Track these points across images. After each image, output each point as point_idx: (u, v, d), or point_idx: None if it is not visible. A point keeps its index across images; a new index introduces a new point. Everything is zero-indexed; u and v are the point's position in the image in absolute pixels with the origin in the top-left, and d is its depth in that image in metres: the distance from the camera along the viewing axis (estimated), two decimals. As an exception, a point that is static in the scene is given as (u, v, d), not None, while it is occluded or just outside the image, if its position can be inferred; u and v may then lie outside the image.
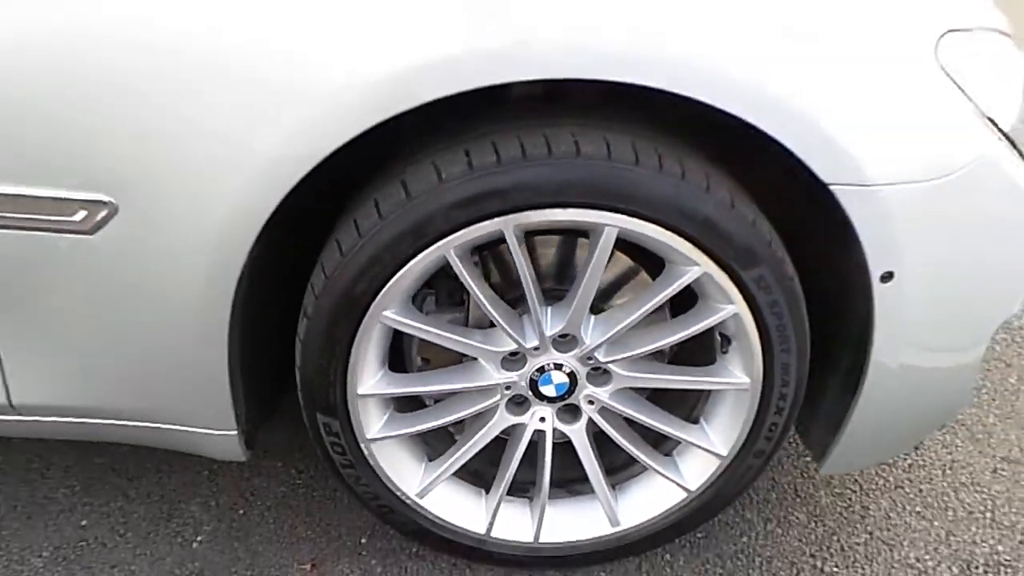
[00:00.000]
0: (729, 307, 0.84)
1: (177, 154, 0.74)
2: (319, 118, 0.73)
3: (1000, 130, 0.82)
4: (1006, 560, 1.12)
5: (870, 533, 1.15)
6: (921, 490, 1.22)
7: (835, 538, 1.14)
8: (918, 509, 1.19)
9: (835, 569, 1.10)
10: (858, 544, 1.13)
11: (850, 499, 1.20)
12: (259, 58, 0.72)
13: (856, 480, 1.23)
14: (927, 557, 1.12)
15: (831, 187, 0.78)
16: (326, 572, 1.08)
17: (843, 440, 0.96)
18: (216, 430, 0.94)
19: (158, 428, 0.95)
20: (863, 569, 1.10)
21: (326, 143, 0.73)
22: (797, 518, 1.17)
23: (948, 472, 1.25)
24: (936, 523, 1.17)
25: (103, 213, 0.77)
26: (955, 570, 1.10)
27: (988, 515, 1.18)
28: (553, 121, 0.79)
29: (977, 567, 1.10)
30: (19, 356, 0.89)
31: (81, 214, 0.77)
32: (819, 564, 1.11)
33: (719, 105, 0.73)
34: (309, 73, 0.72)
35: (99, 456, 1.24)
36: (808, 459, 1.26)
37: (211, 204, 0.76)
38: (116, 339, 0.87)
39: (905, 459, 1.26)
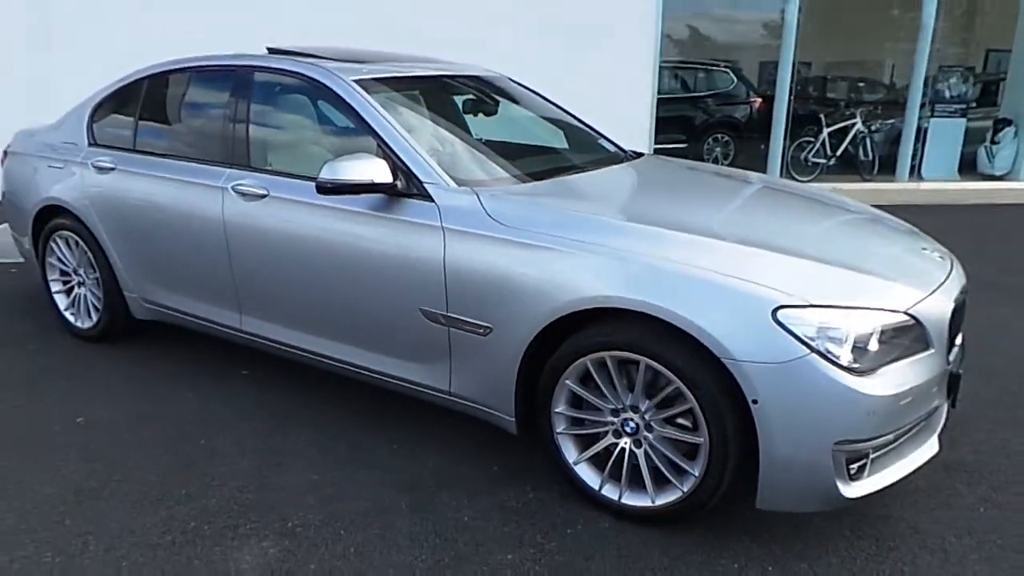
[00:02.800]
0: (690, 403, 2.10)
1: (518, 310, 2.32)
2: (562, 308, 2.24)
3: (812, 348, 1.95)
4: None
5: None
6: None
7: (784, 558, 2.16)
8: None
9: (773, 568, 2.13)
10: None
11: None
12: (539, 282, 2.27)
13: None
14: None
15: (727, 361, 2.01)
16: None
17: (760, 489, 2.07)
18: (507, 416, 2.46)
19: (483, 409, 2.52)
20: (788, 573, 2.11)
21: (551, 317, 2.24)
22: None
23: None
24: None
25: (489, 328, 2.39)
26: None
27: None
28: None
29: None
30: (461, 362, 2.54)
31: (484, 330, 2.40)
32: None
33: (690, 331, 2.05)
34: (550, 292, 2.25)
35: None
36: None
37: (530, 321, 2.31)
38: (495, 371, 2.46)
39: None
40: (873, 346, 2.03)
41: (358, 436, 2.84)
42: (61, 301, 3.83)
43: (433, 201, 2.49)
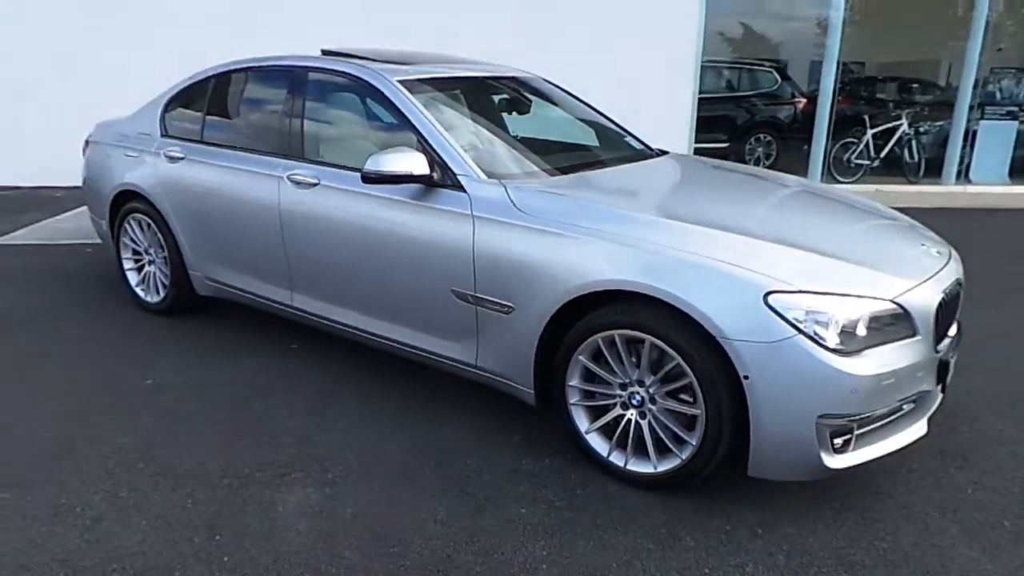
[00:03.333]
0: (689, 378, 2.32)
1: (537, 291, 2.57)
2: (575, 290, 2.49)
3: (800, 330, 2.15)
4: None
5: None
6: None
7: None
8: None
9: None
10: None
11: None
12: (556, 267, 2.51)
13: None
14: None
15: (721, 339, 2.22)
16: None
17: (751, 458, 2.28)
18: (527, 388, 2.72)
19: (505, 382, 2.77)
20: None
21: (566, 298, 2.48)
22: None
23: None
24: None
25: (511, 307, 2.64)
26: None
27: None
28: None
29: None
30: (486, 338, 2.80)
31: (508, 309, 2.65)
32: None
33: (689, 312, 2.27)
34: (564, 277, 2.49)
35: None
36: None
37: (547, 302, 2.55)
38: (516, 346, 2.72)
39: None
40: (860, 330, 2.22)
41: (394, 406, 3.12)
42: (132, 278, 4.22)
43: (465, 191, 2.76)
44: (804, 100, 9.99)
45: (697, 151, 9.00)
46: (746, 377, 2.22)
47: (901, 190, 8.92)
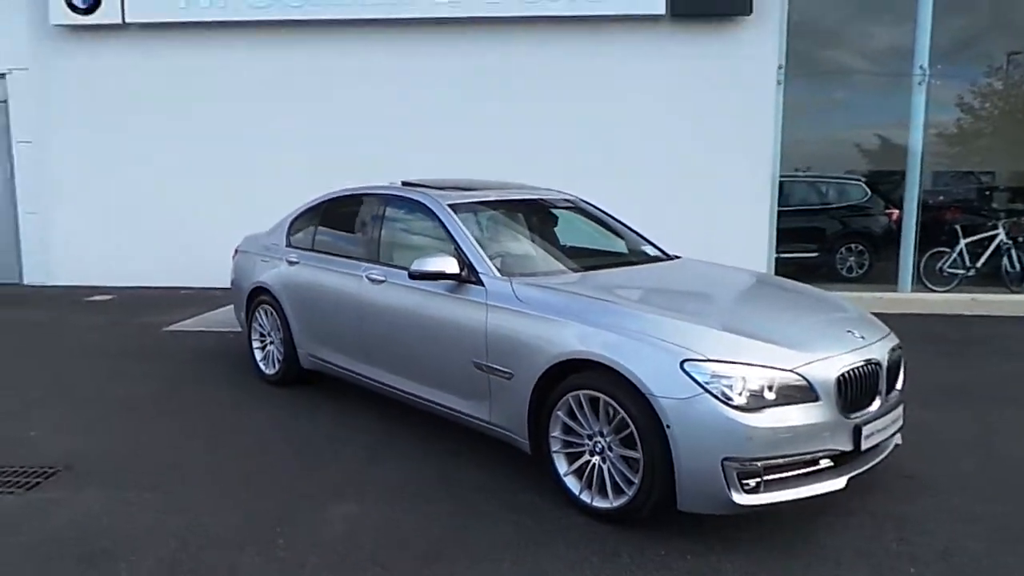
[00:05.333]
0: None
1: (528, 361, 3.34)
2: (552, 359, 3.24)
3: (706, 389, 2.78)
4: None
5: (719, 557, 2.87)
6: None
7: (703, 553, 2.91)
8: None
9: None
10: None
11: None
12: (540, 342, 3.28)
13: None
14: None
15: (649, 396, 2.89)
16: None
17: (678, 494, 2.88)
18: (523, 439, 3.44)
19: (509, 434, 3.51)
20: (701, 561, 2.86)
21: (546, 365, 3.24)
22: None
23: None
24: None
25: (511, 374, 3.42)
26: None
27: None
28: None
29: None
30: (496, 399, 3.58)
31: (509, 375, 3.44)
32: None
33: (627, 375, 2.97)
34: (546, 349, 3.25)
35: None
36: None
37: (534, 369, 3.31)
38: (515, 405, 3.48)
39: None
40: (766, 392, 2.83)
41: (427, 451, 3.93)
42: (258, 355, 5.38)
43: (483, 286, 3.63)
44: (896, 211, 10.22)
45: (784, 262, 9.43)
46: (668, 426, 2.86)
47: (999, 299, 8.86)
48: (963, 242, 9.38)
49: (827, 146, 10.34)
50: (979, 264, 9.30)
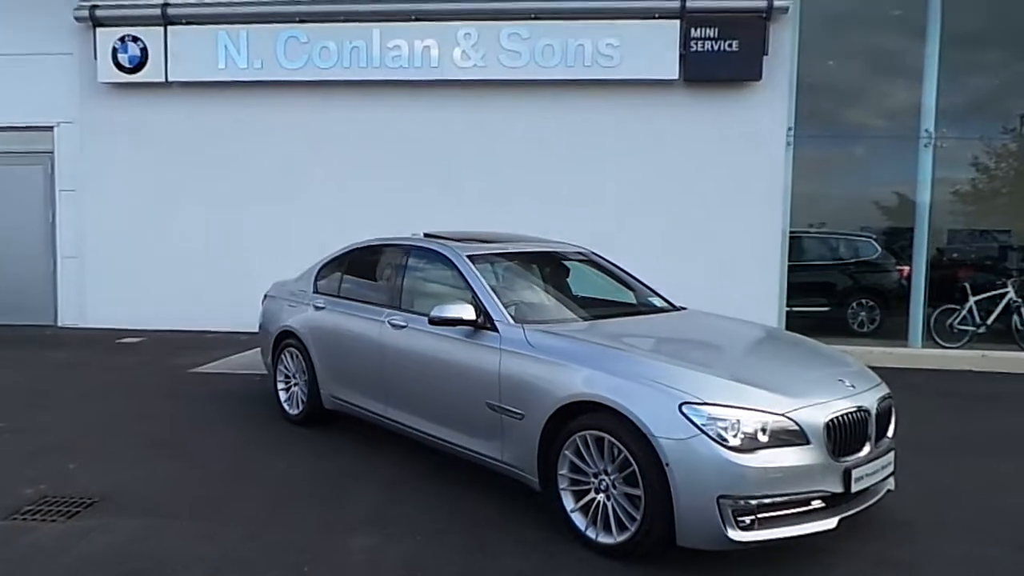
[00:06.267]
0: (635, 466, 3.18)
1: (538, 403, 3.57)
2: (560, 401, 3.46)
3: (702, 430, 2.99)
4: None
5: None
6: None
7: None
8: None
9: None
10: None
11: None
12: (551, 386, 3.51)
13: None
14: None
15: (650, 437, 3.10)
16: (552, 538, 3.58)
17: (677, 530, 3.06)
18: (533, 477, 3.64)
19: (519, 472, 3.71)
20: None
21: (555, 407, 3.46)
22: None
23: None
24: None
25: (522, 414, 3.64)
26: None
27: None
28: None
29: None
30: (508, 438, 3.79)
31: (520, 416, 3.65)
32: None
33: (630, 417, 3.18)
34: (555, 392, 3.48)
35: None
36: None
37: (544, 410, 3.53)
38: (526, 444, 3.69)
39: None
40: (759, 434, 3.03)
41: (441, 488, 4.13)
42: (282, 395, 5.63)
43: (498, 332, 3.89)
44: (907, 268, 10.39)
45: (795, 315, 9.60)
46: (667, 464, 3.06)
47: (1010, 357, 8.94)
48: (973, 299, 9.50)
49: (839, 203, 10.59)
50: (989, 321, 9.40)
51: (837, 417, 3.19)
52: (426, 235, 5.01)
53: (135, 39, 9.40)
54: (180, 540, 3.49)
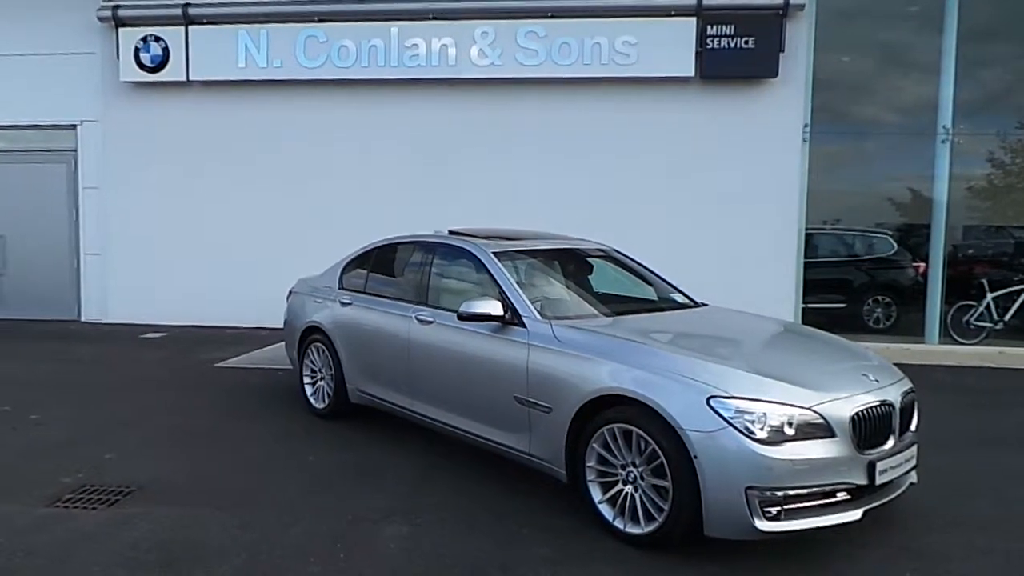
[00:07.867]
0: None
1: (565, 396, 3.65)
2: (588, 395, 3.54)
3: (730, 423, 3.06)
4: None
5: None
6: None
7: None
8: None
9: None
10: None
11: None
12: (578, 381, 3.59)
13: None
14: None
15: (678, 429, 3.17)
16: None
17: (704, 520, 3.13)
18: (561, 469, 3.72)
19: (547, 465, 3.79)
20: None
21: (583, 400, 3.54)
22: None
23: None
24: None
25: (550, 408, 3.72)
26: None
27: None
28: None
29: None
30: (535, 431, 3.87)
31: (548, 409, 3.74)
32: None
33: (658, 410, 3.26)
34: (582, 385, 3.56)
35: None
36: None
37: (572, 404, 3.61)
38: (553, 437, 3.77)
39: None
40: (785, 427, 3.10)
41: (469, 480, 4.22)
42: (308, 389, 5.73)
43: (525, 327, 3.97)
44: (924, 264, 10.39)
45: (811, 312, 9.63)
46: (695, 456, 3.13)
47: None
48: (990, 296, 9.50)
49: (855, 199, 10.58)
50: (1007, 318, 9.41)
51: (862, 411, 3.25)
52: (451, 232, 5.09)
53: (157, 39, 9.53)
54: (218, 528, 3.59)
